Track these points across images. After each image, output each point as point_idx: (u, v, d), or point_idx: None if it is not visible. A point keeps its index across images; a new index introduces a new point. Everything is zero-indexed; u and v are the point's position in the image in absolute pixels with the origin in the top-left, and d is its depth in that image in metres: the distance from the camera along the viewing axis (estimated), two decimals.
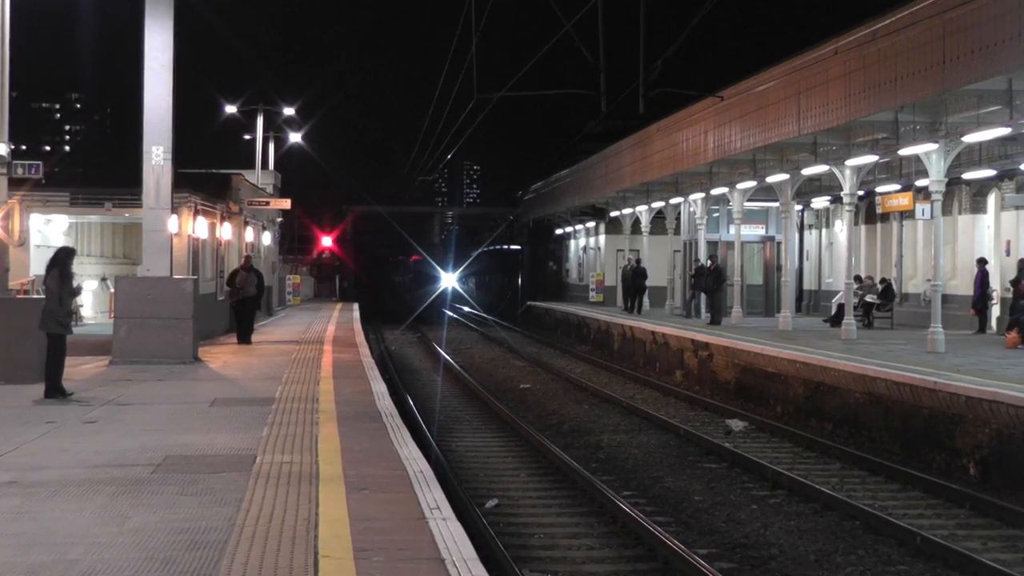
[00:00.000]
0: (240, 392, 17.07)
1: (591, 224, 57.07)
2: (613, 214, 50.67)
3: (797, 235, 39.37)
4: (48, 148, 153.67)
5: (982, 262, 27.88)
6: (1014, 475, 14.77)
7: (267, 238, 47.02)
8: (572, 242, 64.04)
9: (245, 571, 7.03)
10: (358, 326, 36.89)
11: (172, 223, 23.11)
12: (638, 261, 43.04)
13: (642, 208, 43.45)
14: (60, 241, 30.24)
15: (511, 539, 12.35)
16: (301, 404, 15.44)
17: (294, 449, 11.61)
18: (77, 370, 19.22)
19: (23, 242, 28.95)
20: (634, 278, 42.22)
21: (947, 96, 20.67)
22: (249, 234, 40.48)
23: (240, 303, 27.79)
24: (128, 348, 21.11)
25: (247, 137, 54.86)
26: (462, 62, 31.43)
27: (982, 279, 27.63)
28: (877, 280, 33.06)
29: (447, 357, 35.67)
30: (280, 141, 57.91)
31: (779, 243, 38.27)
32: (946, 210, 28.84)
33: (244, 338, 27.35)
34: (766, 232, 40.42)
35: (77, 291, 17.34)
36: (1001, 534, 12.86)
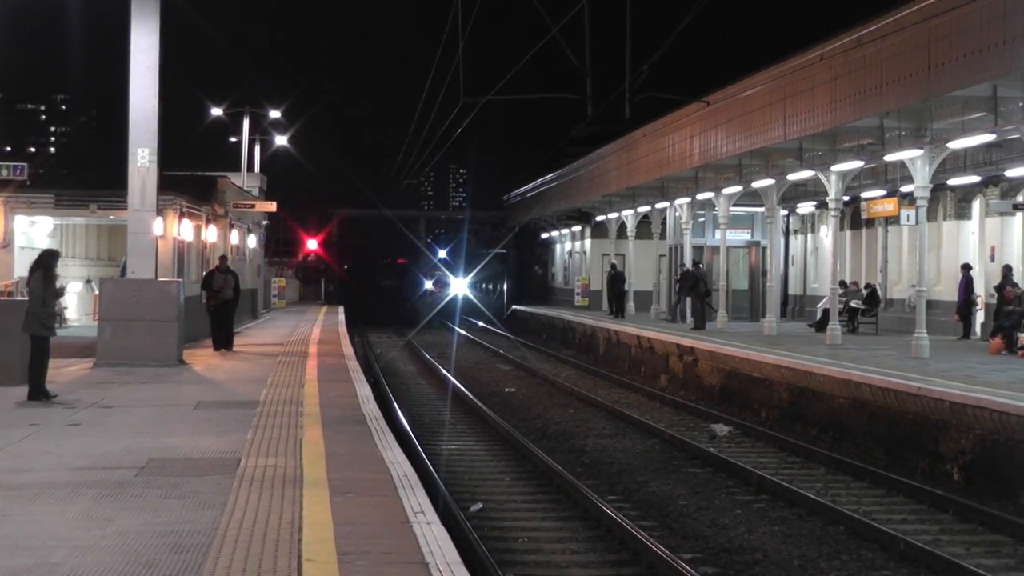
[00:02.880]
0: (224, 395, 17.02)
1: (577, 228, 57.12)
2: (599, 218, 50.71)
3: (782, 240, 39.43)
4: (33, 150, 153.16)
5: (967, 268, 27.96)
6: (997, 481, 14.81)
7: (252, 241, 46.93)
8: (558, 246, 64.06)
9: (229, 574, 7.01)
10: (343, 329, 36.83)
11: (157, 225, 23.06)
12: (613, 267, 43.21)
13: (628, 212, 43.51)
14: (44, 243, 30.15)
15: (495, 543, 12.34)
16: (285, 407, 15.40)
17: (278, 452, 11.59)
18: (61, 372, 19.14)
19: (7, 244, 28.87)
20: (612, 284, 42.40)
21: (932, 102, 20.74)
22: (234, 237, 40.40)
23: (218, 307, 26.33)
24: (112, 350, 21.05)
25: (233, 139, 54.76)
26: (449, 66, 31.49)
27: (966, 285, 27.70)
28: (862, 285, 33.14)
29: (432, 361, 35.62)
30: (266, 143, 57.80)
31: (764, 248, 38.37)
32: (931, 216, 28.93)
33: (223, 344, 25.97)
34: (751, 237, 40.53)
35: (61, 293, 17.27)
36: (984, 539, 12.90)
